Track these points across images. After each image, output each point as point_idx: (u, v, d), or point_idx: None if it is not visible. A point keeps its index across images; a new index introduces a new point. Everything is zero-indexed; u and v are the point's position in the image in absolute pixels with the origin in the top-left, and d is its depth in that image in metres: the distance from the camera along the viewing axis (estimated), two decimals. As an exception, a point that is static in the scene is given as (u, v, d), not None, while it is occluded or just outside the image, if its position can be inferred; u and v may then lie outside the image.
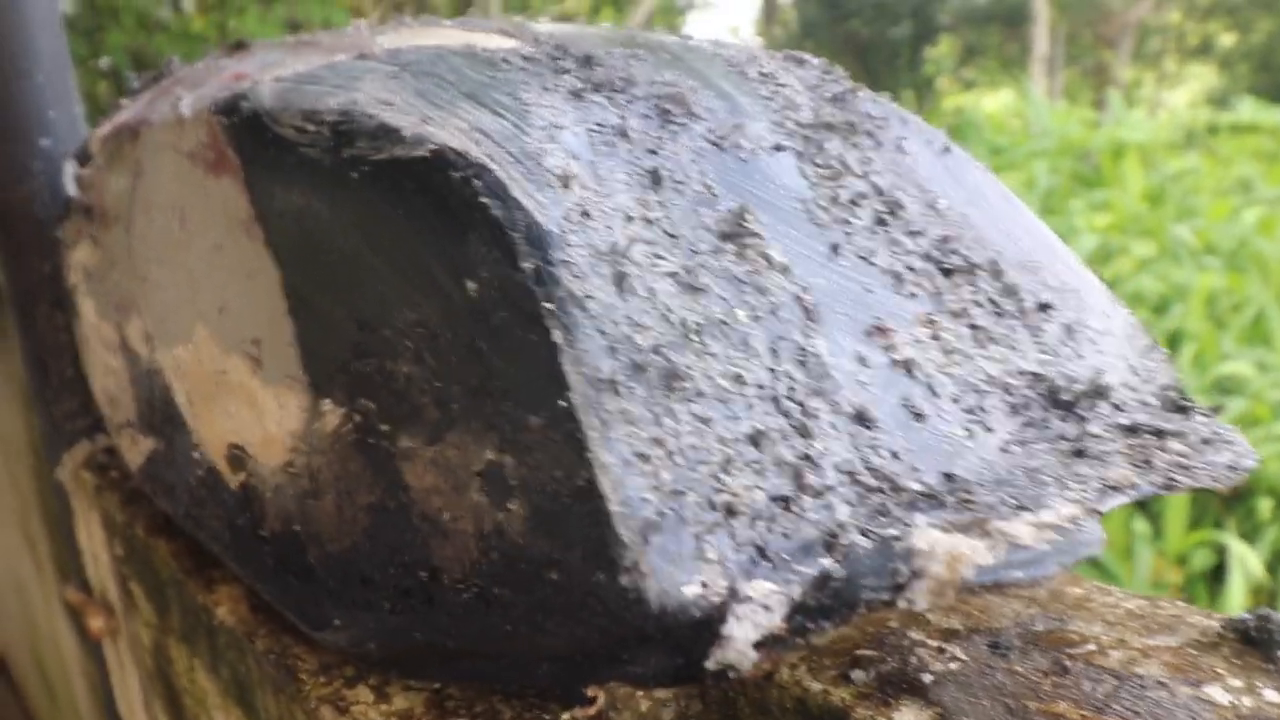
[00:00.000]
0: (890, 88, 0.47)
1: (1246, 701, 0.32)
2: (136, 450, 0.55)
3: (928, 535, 0.24)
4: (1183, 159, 4.34)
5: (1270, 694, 0.33)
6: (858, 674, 0.36)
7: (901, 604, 0.23)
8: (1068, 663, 0.36)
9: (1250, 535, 2.18)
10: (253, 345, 0.42)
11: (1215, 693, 0.33)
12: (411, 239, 0.33)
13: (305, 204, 0.38)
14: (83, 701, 1.24)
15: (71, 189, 0.58)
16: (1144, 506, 2.32)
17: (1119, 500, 0.28)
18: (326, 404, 0.38)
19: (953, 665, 0.36)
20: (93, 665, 1.06)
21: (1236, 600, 2.01)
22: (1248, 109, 5.25)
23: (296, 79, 0.41)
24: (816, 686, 0.36)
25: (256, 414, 0.42)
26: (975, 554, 0.23)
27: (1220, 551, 2.19)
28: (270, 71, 0.44)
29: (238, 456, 0.43)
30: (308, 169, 0.37)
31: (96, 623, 0.72)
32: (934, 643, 0.38)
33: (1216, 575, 2.19)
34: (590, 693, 0.27)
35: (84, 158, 0.58)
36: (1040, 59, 9.29)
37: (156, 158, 0.48)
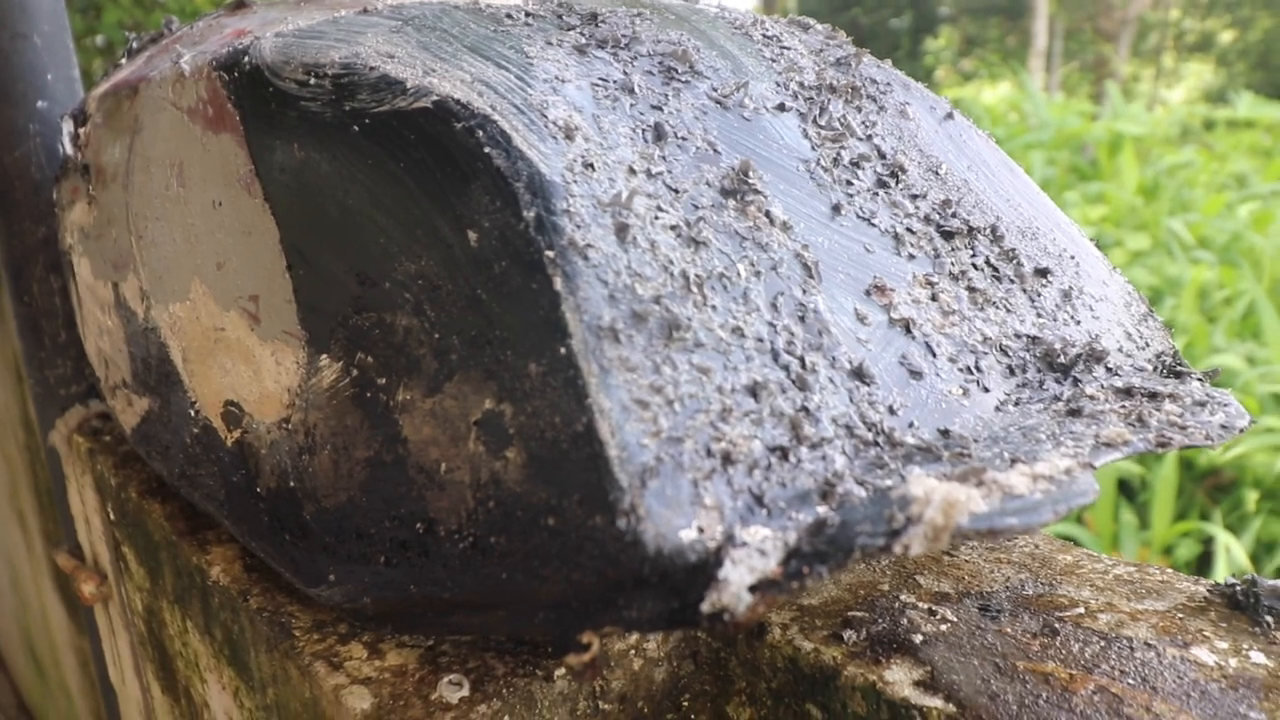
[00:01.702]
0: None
1: (1232, 662, 0.33)
2: (131, 411, 0.55)
3: (924, 483, 0.24)
4: (1179, 153, 4.35)
5: (1256, 655, 0.33)
6: (849, 634, 0.36)
7: (897, 549, 0.23)
8: (1057, 625, 0.36)
9: (1236, 527, 2.20)
10: (250, 301, 0.42)
11: (1202, 654, 0.33)
12: (413, 190, 0.33)
13: (305, 159, 0.37)
14: (71, 677, 1.24)
15: (68, 148, 0.58)
16: (1130, 498, 2.33)
17: (1113, 456, 0.28)
18: (324, 359, 0.38)
19: (943, 627, 0.37)
20: (83, 640, 1.06)
21: (1222, 591, 2.02)
22: (1245, 105, 5.25)
23: (298, 34, 0.41)
24: (808, 646, 0.36)
25: (253, 370, 0.42)
26: (970, 501, 0.23)
27: (1206, 542, 2.20)
28: (272, 28, 0.44)
29: (234, 413, 0.43)
30: (308, 123, 0.37)
31: (88, 588, 0.72)
32: (925, 605, 0.38)
33: (1201, 567, 2.20)
34: (585, 639, 0.27)
35: (81, 117, 0.58)
36: (1039, 52, 9.28)
37: (155, 115, 0.47)
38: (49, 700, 1.48)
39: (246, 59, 0.40)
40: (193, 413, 0.47)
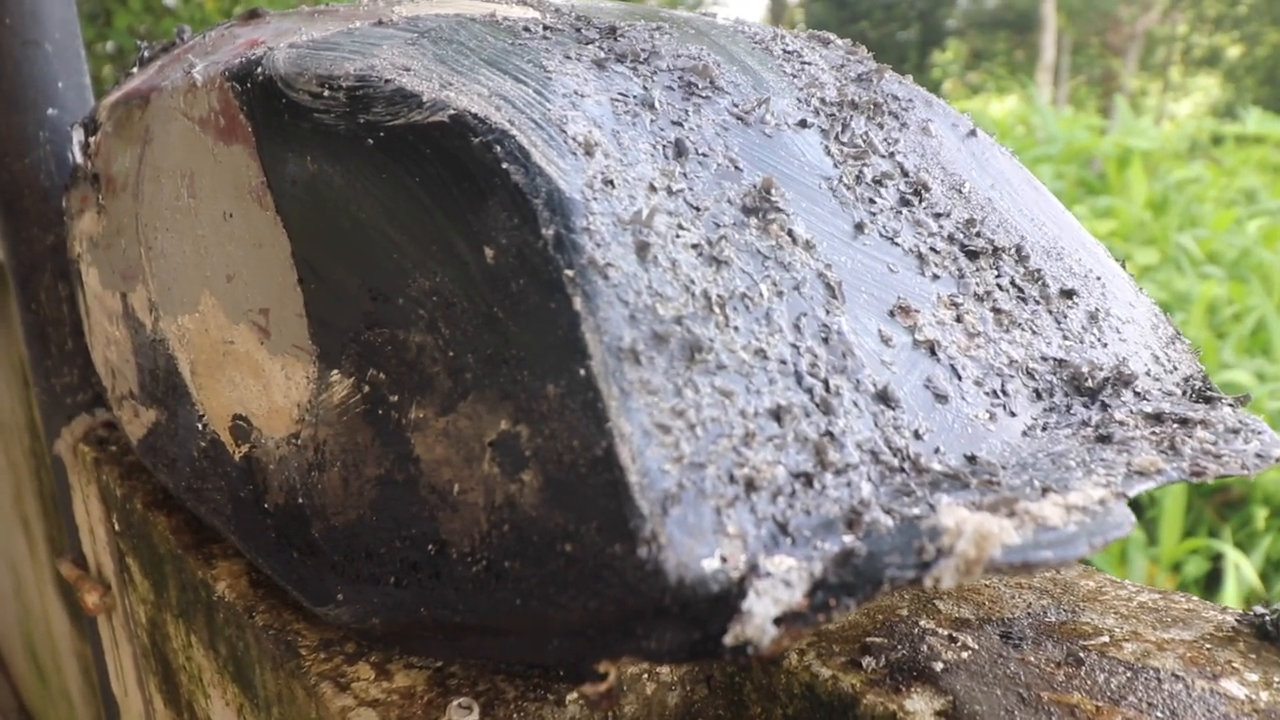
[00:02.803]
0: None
1: (1263, 696, 0.32)
2: (138, 422, 0.55)
3: (955, 513, 0.23)
4: (1187, 168, 4.34)
5: (1289, 689, 0.32)
6: (868, 661, 0.36)
7: (928, 582, 0.23)
8: (1081, 654, 0.35)
9: (1245, 544, 2.18)
10: (260, 315, 0.41)
11: (1231, 686, 0.33)
12: (428, 206, 0.32)
13: (318, 171, 0.37)
14: (73, 683, 1.24)
15: (78, 156, 0.58)
16: (1139, 514, 2.32)
17: (1147, 485, 0.27)
18: (335, 375, 0.37)
19: (964, 654, 0.36)
20: (85, 646, 1.05)
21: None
22: (1254, 120, 5.24)
23: (312, 45, 0.40)
24: (826, 672, 0.36)
25: (262, 384, 0.41)
26: (1003, 533, 0.23)
27: (1214, 560, 2.19)
28: (285, 38, 0.43)
29: (242, 428, 0.43)
30: (322, 135, 0.36)
31: (92, 598, 0.72)
32: (945, 631, 0.37)
33: (1210, 584, 2.19)
34: (601, 668, 0.26)
35: (91, 125, 0.57)
36: (1047, 66, 9.29)
37: (166, 124, 0.47)
38: (50, 705, 1.47)
39: (260, 70, 0.40)
40: (200, 426, 0.46)
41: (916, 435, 0.29)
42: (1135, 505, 2.32)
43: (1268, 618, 0.35)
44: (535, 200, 0.29)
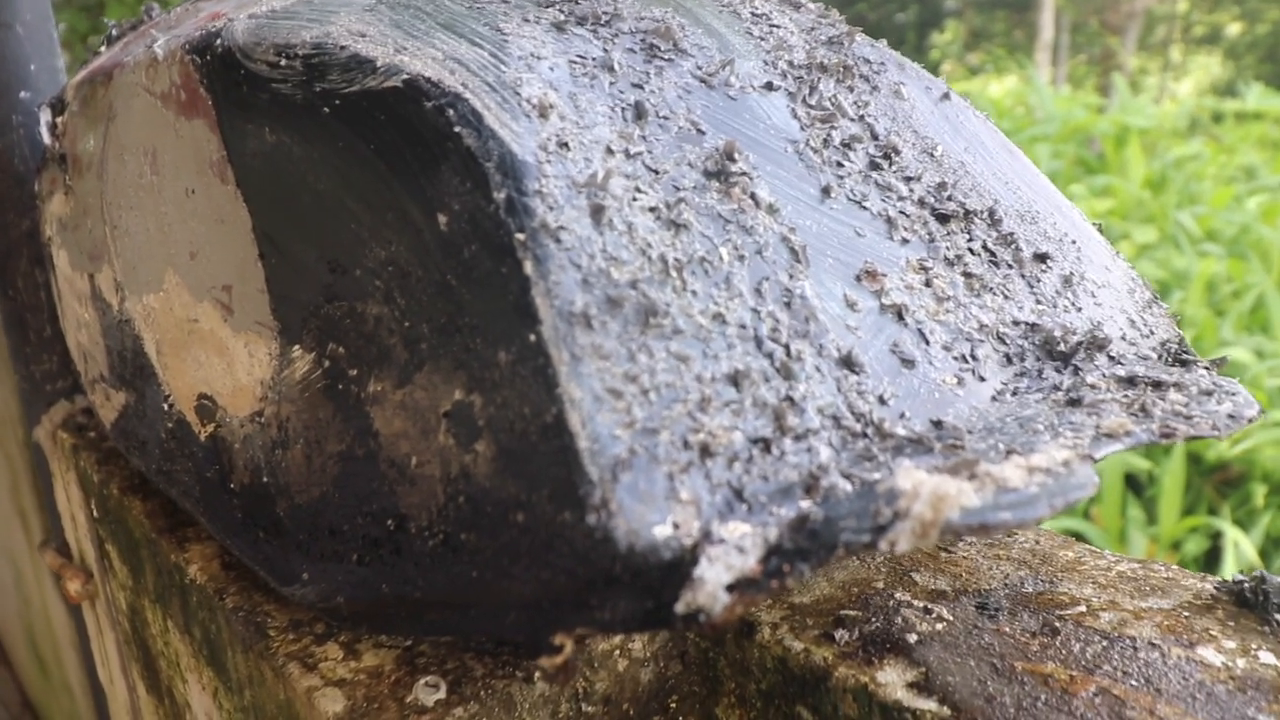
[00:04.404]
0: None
1: (1240, 663, 0.31)
2: (109, 405, 0.54)
3: (912, 475, 0.23)
4: (1186, 146, 4.31)
5: (1265, 655, 0.32)
6: (841, 633, 0.35)
7: (883, 546, 0.22)
8: (1057, 624, 0.35)
9: (1244, 522, 2.17)
10: (223, 292, 0.40)
11: (1208, 654, 0.32)
12: (384, 173, 0.31)
13: (277, 143, 0.36)
14: (73, 674, 1.23)
15: (47, 137, 0.57)
16: (1138, 492, 2.31)
17: (1114, 447, 0.26)
18: (296, 350, 0.36)
19: (939, 626, 0.35)
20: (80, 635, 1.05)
21: (1230, 587, 1.99)
22: (1254, 96, 5.19)
23: (271, 15, 0.40)
24: (798, 646, 0.35)
25: (226, 362, 0.40)
26: (961, 495, 0.22)
27: (1214, 538, 2.18)
28: (246, 9, 0.42)
29: (207, 407, 0.42)
30: (280, 106, 0.36)
31: (74, 586, 0.71)
32: (920, 603, 0.37)
33: (1209, 562, 2.18)
34: (557, 641, 0.26)
35: (59, 105, 0.56)
36: (1045, 46, 9.22)
37: (129, 101, 0.46)
38: (51, 697, 1.48)
39: (219, 41, 0.39)
40: (167, 407, 0.45)
41: (881, 400, 0.28)
42: (1134, 483, 2.31)
43: (1246, 585, 0.35)
44: (487, 164, 0.28)
